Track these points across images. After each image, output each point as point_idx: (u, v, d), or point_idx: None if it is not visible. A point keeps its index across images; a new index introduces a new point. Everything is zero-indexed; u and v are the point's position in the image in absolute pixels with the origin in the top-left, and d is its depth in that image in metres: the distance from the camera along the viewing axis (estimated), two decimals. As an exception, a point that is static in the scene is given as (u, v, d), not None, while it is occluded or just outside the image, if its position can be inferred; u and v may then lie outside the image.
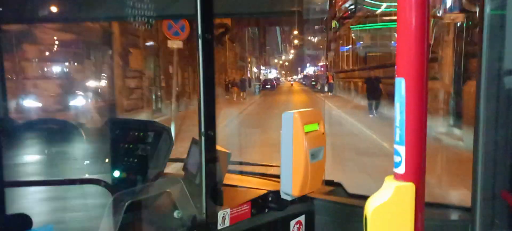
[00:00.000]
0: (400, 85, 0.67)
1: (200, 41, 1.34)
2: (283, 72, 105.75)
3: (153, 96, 15.38)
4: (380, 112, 16.95)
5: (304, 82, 59.10)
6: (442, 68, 11.27)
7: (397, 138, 0.68)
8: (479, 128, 1.36)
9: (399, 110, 0.68)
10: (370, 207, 0.70)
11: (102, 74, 11.76)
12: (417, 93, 0.66)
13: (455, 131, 10.12)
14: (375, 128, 12.54)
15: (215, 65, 1.50)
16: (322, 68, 67.11)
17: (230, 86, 27.49)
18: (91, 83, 11.36)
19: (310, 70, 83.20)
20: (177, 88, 12.17)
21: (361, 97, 21.92)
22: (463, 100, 10.00)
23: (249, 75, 48.47)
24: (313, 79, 47.73)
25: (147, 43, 14.94)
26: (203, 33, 1.34)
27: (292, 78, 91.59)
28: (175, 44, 10.36)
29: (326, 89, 34.86)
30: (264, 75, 73.79)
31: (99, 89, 11.73)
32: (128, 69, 13.18)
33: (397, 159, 0.69)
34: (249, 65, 51.25)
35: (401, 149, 0.68)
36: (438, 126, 10.48)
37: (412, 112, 0.67)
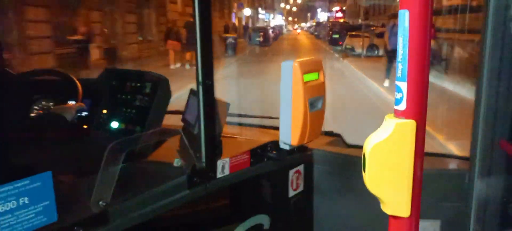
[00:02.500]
0: (404, 18, 0.64)
1: None
2: (290, 18, 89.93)
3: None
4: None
5: (316, 33, 39.94)
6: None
7: (399, 73, 0.66)
8: (482, 78, 1.35)
9: (402, 44, 0.65)
10: (369, 145, 0.70)
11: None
12: (421, 27, 0.64)
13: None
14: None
15: (211, 14, 1.46)
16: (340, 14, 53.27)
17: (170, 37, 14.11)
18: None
19: (323, 16, 65.41)
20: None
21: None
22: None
23: (233, 20, 32.82)
24: (332, 30, 25.43)
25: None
26: None
27: (299, 26, 76.50)
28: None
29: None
30: (265, 21, 59.01)
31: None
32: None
33: (398, 95, 0.67)
34: (234, 4, 34.48)
35: (403, 85, 0.66)
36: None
37: (416, 47, 0.64)
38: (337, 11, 55.65)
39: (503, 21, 1.28)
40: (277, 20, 69.60)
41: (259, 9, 55.87)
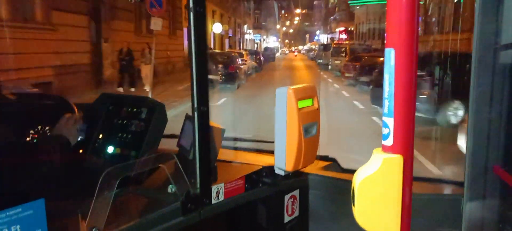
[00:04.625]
0: (390, 56, 0.66)
1: (191, 14, 1.32)
2: (287, 41, 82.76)
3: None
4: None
5: (320, 61, 28.14)
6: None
7: (386, 110, 0.68)
8: (473, 103, 1.36)
9: (388, 81, 0.67)
10: (357, 179, 0.70)
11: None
12: (407, 65, 0.65)
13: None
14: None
15: (207, 39, 1.48)
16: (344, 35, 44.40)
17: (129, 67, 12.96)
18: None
19: (322, 38, 58.63)
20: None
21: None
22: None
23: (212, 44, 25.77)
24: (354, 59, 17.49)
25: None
26: (194, 6, 1.32)
27: (297, 49, 68.62)
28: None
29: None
30: (257, 43, 51.61)
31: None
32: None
33: (385, 131, 0.68)
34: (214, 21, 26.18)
35: (390, 121, 0.67)
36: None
37: (401, 84, 0.66)
38: (341, 32, 47.06)
39: (493, 46, 1.30)
40: (271, 42, 62.13)
41: (245, 27, 44.23)
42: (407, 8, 0.64)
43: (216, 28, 27.45)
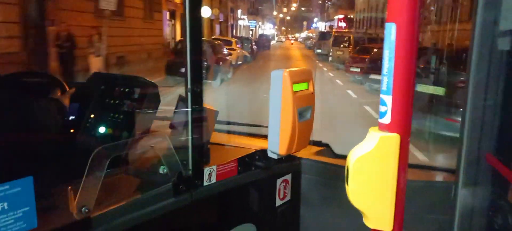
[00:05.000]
0: (390, 31, 0.64)
1: None
2: (283, 28, 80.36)
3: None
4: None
5: (319, 50, 25.64)
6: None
7: (384, 87, 0.66)
8: (469, 91, 1.36)
9: (388, 57, 0.65)
10: (352, 157, 0.69)
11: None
12: (408, 40, 0.64)
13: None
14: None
15: (202, 21, 1.46)
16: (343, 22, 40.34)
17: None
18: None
19: (321, 26, 54.04)
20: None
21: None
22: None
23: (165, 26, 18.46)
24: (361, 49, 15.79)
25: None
26: None
27: (294, 37, 66.09)
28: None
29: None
30: (252, 30, 48.02)
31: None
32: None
33: (382, 108, 0.67)
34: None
35: (388, 99, 0.66)
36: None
37: (402, 60, 0.64)
38: (340, 20, 43.08)
39: (491, 34, 1.29)
40: (267, 29, 58.62)
41: (239, 13, 40.75)
42: (409, -18, 0.62)
43: (204, 12, 22.01)
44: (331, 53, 20.58)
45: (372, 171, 0.68)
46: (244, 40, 23.50)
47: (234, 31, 38.64)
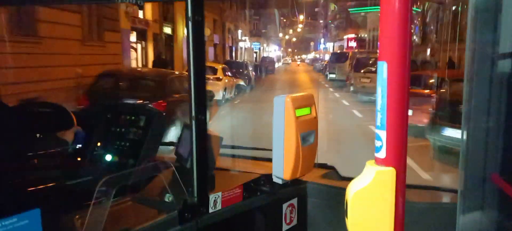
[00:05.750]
0: (382, 69, 0.66)
1: (189, 23, 1.33)
2: (290, 50, 79.28)
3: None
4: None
5: (333, 76, 20.87)
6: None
7: (378, 123, 0.68)
8: (470, 111, 1.36)
9: (380, 94, 0.67)
10: (351, 191, 0.70)
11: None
12: (399, 78, 0.66)
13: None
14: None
15: (205, 48, 1.48)
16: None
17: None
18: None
19: (329, 47, 49.69)
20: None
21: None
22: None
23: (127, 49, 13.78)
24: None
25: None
26: (193, 15, 1.32)
27: (300, 58, 66.47)
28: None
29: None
30: (256, 52, 44.45)
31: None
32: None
33: (378, 143, 0.68)
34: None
35: (382, 134, 0.68)
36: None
37: (394, 97, 0.66)
38: (350, 40, 39.05)
39: (490, 55, 1.30)
40: (272, 51, 55.08)
41: (239, 33, 36.54)
42: (399, 22, 0.64)
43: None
44: (353, 82, 15.35)
45: (370, 204, 0.69)
46: (239, 66, 18.72)
47: (234, 54, 34.71)
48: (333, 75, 21.01)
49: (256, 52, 44.88)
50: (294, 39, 77.06)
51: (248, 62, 21.57)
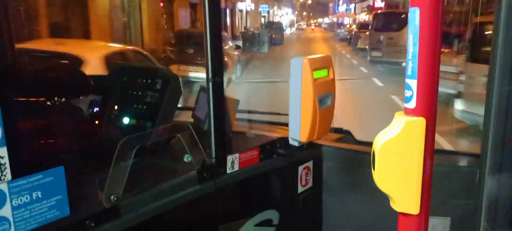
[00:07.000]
0: (414, 15, 0.64)
1: None
2: (305, 13, 72.26)
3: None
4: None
5: (376, 55, 12.03)
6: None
7: (409, 71, 0.66)
8: (494, 76, 1.33)
9: (412, 42, 0.65)
10: (378, 142, 0.70)
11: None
12: (432, 24, 0.63)
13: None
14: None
15: (221, 11, 1.46)
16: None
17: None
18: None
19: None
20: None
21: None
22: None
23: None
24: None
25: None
26: None
27: (315, 22, 59.46)
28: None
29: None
30: (264, 16, 37.04)
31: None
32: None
33: (408, 93, 0.67)
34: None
35: (413, 83, 0.66)
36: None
37: (426, 45, 0.64)
38: None
39: None
40: (284, 15, 47.23)
41: None
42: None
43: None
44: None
45: (398, 155, 0.69)
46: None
47: (233, 20, 26.03)
48: (378, 54, 13.22)
49: (264, 17, 36.07)
50: (309, 1, 68.36)
51: (226, 35, 13.89)
